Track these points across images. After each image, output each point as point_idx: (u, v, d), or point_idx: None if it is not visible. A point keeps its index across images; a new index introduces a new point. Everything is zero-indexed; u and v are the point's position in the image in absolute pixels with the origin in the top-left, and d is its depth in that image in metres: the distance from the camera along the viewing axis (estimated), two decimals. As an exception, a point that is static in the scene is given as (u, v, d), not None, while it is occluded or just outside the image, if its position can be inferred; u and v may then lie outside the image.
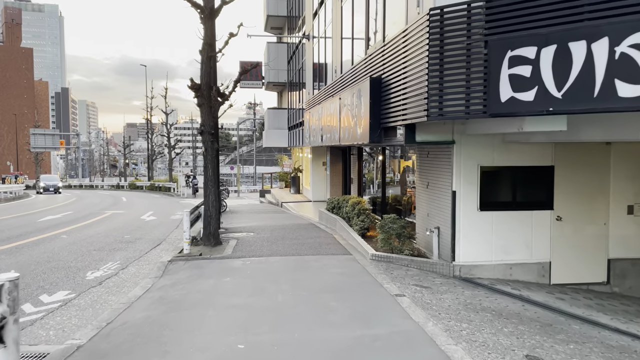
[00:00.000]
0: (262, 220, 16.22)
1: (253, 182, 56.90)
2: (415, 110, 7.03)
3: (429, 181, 8.82)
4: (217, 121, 11.92)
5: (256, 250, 9.80)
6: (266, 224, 14.53)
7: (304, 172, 26.29)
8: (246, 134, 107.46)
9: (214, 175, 10.48)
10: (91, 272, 8.51)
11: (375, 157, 14.24)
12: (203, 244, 10.48)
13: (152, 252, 10.65)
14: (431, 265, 8.08)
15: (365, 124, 8.96)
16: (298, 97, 23.99)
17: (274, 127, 26.52)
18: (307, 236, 11.63)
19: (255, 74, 28.18)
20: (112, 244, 11.71)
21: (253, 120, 55.05)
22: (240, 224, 14.77)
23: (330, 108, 12.78)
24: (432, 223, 8.62)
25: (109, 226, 15.66)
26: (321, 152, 22.93)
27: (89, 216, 19.29)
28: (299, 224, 14.27)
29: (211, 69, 10.46)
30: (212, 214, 10.43)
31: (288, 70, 26.09)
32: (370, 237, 10.55)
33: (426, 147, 8.90)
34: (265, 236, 11.74)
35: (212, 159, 10.45)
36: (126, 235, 13.34)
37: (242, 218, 17.19)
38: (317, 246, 10.14)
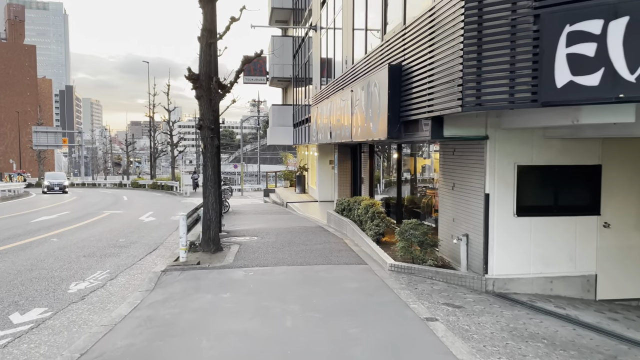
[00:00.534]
0: (266, 222, 15.27)
1: (257, 180, 56.01)
2: (444, 101, 6.04)
3: (454, 182, 7.82)
4: (217, 115, 10.97)
5: (260, 258, 8.84)
6: (271, 227, 13.57)
7: (310, 170, 25.33)
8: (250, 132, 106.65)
9: (213, 175, 9.53)
10: (75, 284, 7.57)
11: (382, 155, 13.25)
12: (202, 250, 9.53)
13: (146, 259, 9.72)
14: (459, 279, 7.09)
15: (383, 118, 7.98)
16: (304, 92, 23.01)
17: (279, 124, 25.56)
18: (315, 241, 10.66)
19: (259, 69, 27.22)
20: (105, 249, 10.78)
21: (257, 118, 54.11)
22: (243, 226, 13.83)
23: (340, 102, 11.80)
24: (458, 229, 7.63)
25: (105, 228, 14.75)
26: (328, 150, 21.96)
27: (85, 217, 18.41)
28: (306, 227, 13.30)
29: (211, 58, 9.50)
30: (212, 217, 9.48)
31: (293, 65, 25.10)
32: (386, 243, 9.57)
33: (451, 143, 7.90)
34: (270, 241, 10.79)
35: (211, 157, 9.50)
36: (121, 239, 12.41)
37: (245, 219, 16.25)
38: (327, 253, 9.17)
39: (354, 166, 17.43)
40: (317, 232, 12.18)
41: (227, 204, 18.90)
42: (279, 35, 26.88)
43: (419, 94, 6.97)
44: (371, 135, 8.81)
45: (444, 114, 6.15)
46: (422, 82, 6.81)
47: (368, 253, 9.08)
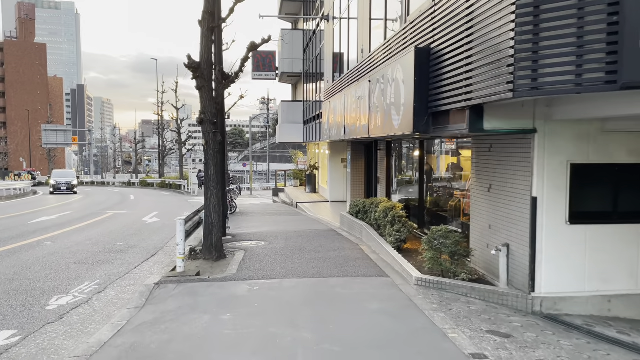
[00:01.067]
0: (275, 224, 14.31)
1: (266, 179, 55.18)
2: (487, 85, 5.01)
3: (491, 183, 6.78)
4: (222, 108, 10.03)
5: (267, 267, 7.86)
6: (280, 230, 12.61)
7: (321, 169, 24.34)
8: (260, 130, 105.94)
9: (216, 174, 8.57)
10: (57, 298, 6.66)
11: (400, 153, 12.22)
12: (203, 257, 8.59)
13: (142, 267, 8.80)
14: (500, 297, 6.05)
15: (407, 110, 6.96)
16: (314, 88, 22.02)
17: (289, 120, 24.60)
18: (328, 247, 9.67)
19: (268, 65, 26.28)
20: (99, 255, 9.89)
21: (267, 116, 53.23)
22: (250, 229, 12.88)
23: (355, 95, 10.79)
24: (496, 238, 6.59)
25: (105, 230, 13.90)
26: (340, 148, 20.95)
27: (87, 217, 17.62)
28: (318, 230, 12.32)
29: (213, 44, 8.54)
30: (214, 221, 8.53)
31: (304, 60, 24.12)
32: (408, 251, 8.55)
33: (487, 138, 6.86)
34: (278, 246, 9.82)
35: (214, 154, 8.54)
36: (119, 243, 11.53)
37: (252, 221, 15.31)
38: (342, 262, 8.17)
39: (368, 165, 16.40)
40: (329, 237, 11.18)
41: (234, 204, 18.00)
42: (289, 29, 25.91)
43: (452, 79, 5.94)
44: (392, 130, 7.79)
45: (488, 101, 5.12)
46: (458, 65, 5.78)
47: (388, 263, 8.07)
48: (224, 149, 11.12)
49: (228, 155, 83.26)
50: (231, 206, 17.82)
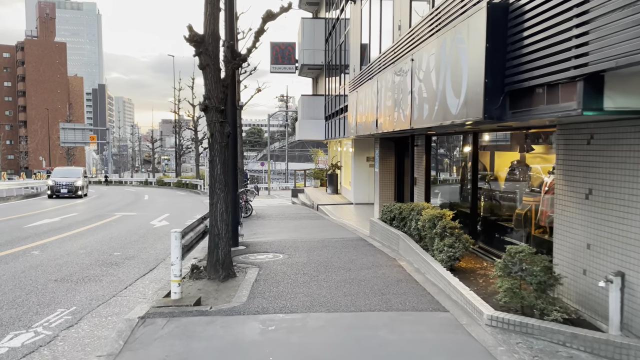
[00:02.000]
0: (294, 230, 12.65)
1: (285, 179, 53.81)
2: (621, 41, 3.24)
3: (591, 187, 4.97)
4: (233, 93, 8.43)
5: (286, 293, 6.19)
6: (300, 238, 10.95)
7: (343, 169, 22.63)
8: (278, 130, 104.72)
9: (224, 174, 6.93)
10: (11, 337, 5.09)
11: (442, 148, 10.42)
12: (207, 276, 6.96)
13: (135, 287, 7.24)
14: (616, 349, 4.24)
15: (473, 90, 5.20)
16: (337, 81, 20.32)
17: (309, 116, 22.94)
18: (361, 263, 7.95)
19: (287, 57, 24.65)
20: (88, 269, 8.38)
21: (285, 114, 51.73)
22: (266, 237, 11.25)
23: (390, 80, 9.06)
24: (601, 263, 4.78)
25: (105, 236, 12.45)
26: (366, 145, 19.20)
27: (91, 220, 16.27)
28: (345, 240, 10.61)
29: (221, 13, 6.90)
30: (221, 233, 6.90)
31: (325, 51, 22.41)
32: (463, 271, 6.79)
33: (584, 127, 5.05)
34: (299, 261, 8.15)
35: (221, 149, 6.91)
36: (116, 252, 10.03)
37: (269, 226, 13.68)
38: (382, 287, 6.45)
39: (398, 164, 14.62)
40: (359, 248, 9.47)
41: (249, 206, 16.42)
42: (310, 18, 24.22)
43: (551, 40, 4.17)
44: (448, 117, 6.03)
45: (622, 64, 3.33)
46: (562, 17, 4.01)
47: (441, 288, 6.31)
48: (236, 144, 9.50)
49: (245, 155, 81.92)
50: (246, 208, 16.25)
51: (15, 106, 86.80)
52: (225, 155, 6.96)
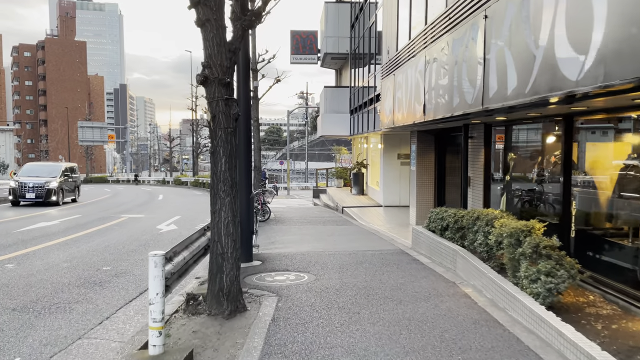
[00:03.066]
0: (319, 237, 10.75)
1: (304, 178, 52.08)
2: None
3: None
4: (247, 63, 6.61)
5: (318, 345, 4.27)
6: (328, 249, 9.03)
7: (370, 167, 20.65)
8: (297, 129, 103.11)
9: (229, 171, 5.05)
10: None
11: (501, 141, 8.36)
12: (208, 310, 5.09)
13: (114, 320, 5.43)
14: None
15: (627, 31, 3.19)
16: (365, 71, 18.35)
17: (332, 110, 21.00)
18: (412, 290, 5.99)
19: (309, 46, 22.76)
20: (62, 291, 6.62)
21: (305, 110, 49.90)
22: (286, 247, 9.36)
23: (448, 51, 7.07)
24: None
25: (101, 244, 10.76)
26: (396, 141, 17.20)
27: (93, 223, 14.67)
28: (382, 252, 8.65)
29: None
30: (227, 252, 5.03)
31: (351, 38, 20.43)
32: (567, 310, 4.76)
33: None
34: (331, 285, 6.23)
35: (226, 138, 5.03)
36: (106, 267, 8.28)
37: (290, 233, 11.80)
38: (455, 333, 4.48)
39: (439, 161, 12.60)
40: (403, 265, 7.50)
41: (267, 209, 14.58)
42: (334, 2, 22.25)
43: None
44: (562, 84, 4.02)
45: None
46: None
47: (543, 338, 4.30)
48: (249, 133, 7.63)
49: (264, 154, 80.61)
50: (264, 211, 14.43)
51: (36, 105, 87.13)
52: (232, 145, 5.08)
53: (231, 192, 5.08)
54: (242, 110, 7.58)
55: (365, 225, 13.35)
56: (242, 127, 7.58)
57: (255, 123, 17.48)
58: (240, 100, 7.54)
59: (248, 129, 7.67)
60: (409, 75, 9.26)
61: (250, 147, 7.83)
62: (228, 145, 5.05)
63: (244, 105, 7.56)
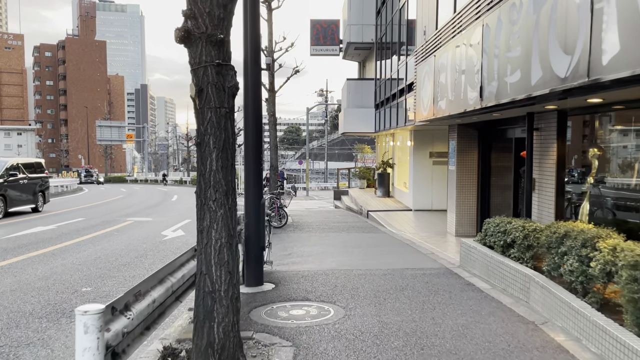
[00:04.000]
0: (345, 250, 9.07)
1: (324, 178, 50.50)
2: None
3: None
4: (255, 21, 5.03)
5: None
6: (356, 266, 7.35)
7: (397, 167, 18.90)
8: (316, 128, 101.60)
9: (222, 171, 3.43)
10: None
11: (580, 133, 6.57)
12: (193, 373, 3.48)
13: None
14: None
15: None
16: (391, 62, 16.63)
17: (355, 104, 19.31)
18: (482, 336, 4.28)
19: (330, 36, 21.11)
20: (17, 326, 5.13)
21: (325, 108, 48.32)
22: (305, 262, 7.72)
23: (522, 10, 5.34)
24: None
25: (92, 254, 9.32)
26: (428, 137, 15.43)
27: (95, 227, 13.34)
28: (425, 272, 6.94)
29: None
30: (218, 288, 3.42)
31: (377, 25, 18.69)
32: None
33: None
34: (367, 328, 4.56)
35: (218, 124, 3.42)
36: (86, 288, 6.81)
37: (309, 242, 10.16)
38: None
39: (483, 159, 10.83)
40: (458, 294, 5.78)
41: (283, 213, 12.97)
42: (358, -13, 20.52)
43: None
44: None
45: None
46: None
47: None
48: (259, 126, 6.02)
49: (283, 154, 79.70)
50: (280, 216, 12.84)
51: (56, 104, 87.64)
52: (227, 132, 3.46)
53: (225, 201, 3.46)
54: (252, 98, 5.98)
55: (395, 233, 11.64)
56: (251, 120, 5.99)
57: (271, 118, 15.93)
58: (249, 85, 5.94)
59: (258, 121, 6.06)
60: (458, 54, 7.52)
61: (261, 143, 6.22)
62: (221, 133, 3.43)
63: (253, 90, 5.96)
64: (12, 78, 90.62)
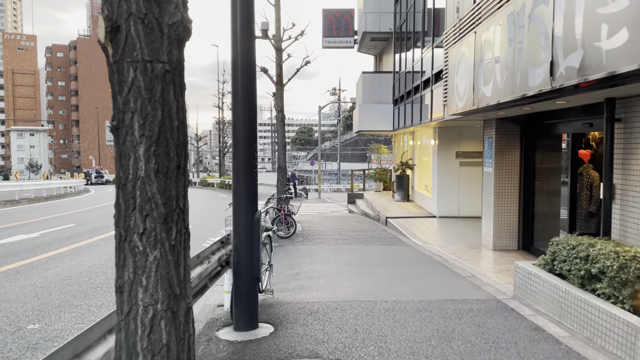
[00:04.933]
0: (364, 270, 7.43)
1: (336, 180, 48.93)
2: None
3: None
4: None
5: None
6: (382, 297, 5.72)
7: (417, 168, 17.22)
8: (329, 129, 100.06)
9: (160, 179, 1.84)
10: None
11: None
12: None
13: None
14: None
15: None
16: (411, 54, 14.98)
17: (372, 100, 17.68)
18: None
19: (344, 27, 19.48)
20: None
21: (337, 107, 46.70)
22: (315, 288, 6.11)
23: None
24: None
25: (64, 271, 7.87)
26: (454, 135, 13.77)
27: (82, 235, 11.96)
28: (473, 308, 5.29)
29: None
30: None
31: (396, 13, 17.03)
32: None
33: None
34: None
35: (147, 91, 1.81)
36: (33, 325, 5.32)
37: (320, 258, 8.54)
38: None
39: (526, 159, 9.18)
40: (524, 344, 4.13)
41: (291, 220, 11.39)
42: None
43: None
44: None
45: None
46: None
47: None
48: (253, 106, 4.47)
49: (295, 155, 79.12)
50: (288, 225, 11.29)
51: (68, 105, 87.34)
52: (166, 110, 1.87)
53: (165, 235, 1.88)
54: (243, 76, 4.41)
55: (420, 245, 9.99)
56: (241, 105, 4.43)
57: (279, 114, 14.39)
58: (240, 58, 4.38)
59: (251, 107, 4.49)
60: (511, 24, 5.85)
61: (254, 137, 4.64)
62: (155, 109, 1.86)
63: (244, 65, 4.39)
64: (25, 79, 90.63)
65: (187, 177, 2.06)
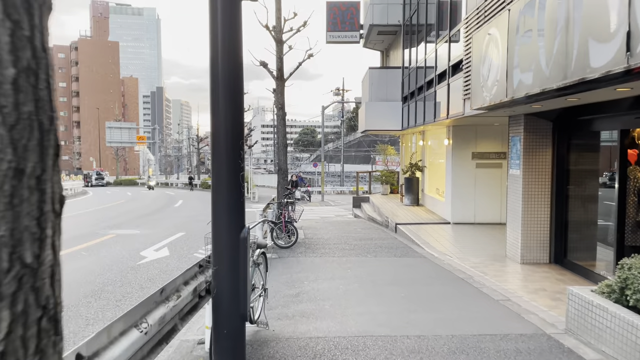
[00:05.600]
0: (376, 291, 6.30)
1: (340, 182, 47.85)
2: None
3: None
4: None
5: None
6: (402, 331, 4.60)
7: (428, 170, 16.10)
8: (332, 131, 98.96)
9: None
10: None
11: None
12: None
13: None
14: None
15: None
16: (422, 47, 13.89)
17: (379, 97, 16.56)
18: None
19: (349, 21, 18.38)
20: None
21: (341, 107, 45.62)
22: (319, 316, 5.00)
23: None
24: None
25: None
26: (470, 134, 12.66)
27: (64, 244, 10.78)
28: (520, 350, 4.16)
29: None
30: None
31: (405, 5, 15.92)
32: None
33: None
34: None
35: None
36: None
37: (325, 273, 7.42)
38: None
39: (559, 162, 8.07)
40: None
41: (292, 229, 10.26)
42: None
43: None
44: None
45: None
46: None
47: None
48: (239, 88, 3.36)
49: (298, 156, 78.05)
50: (289, 233, 10.18)
51: (69, 107, 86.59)
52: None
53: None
54: (224, 48, 3.32)
55: (437, 257, 8.87)
56: (221, 85, 3.34)
57: (280, 112, 13.31)
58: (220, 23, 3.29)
59: (236, 89, 3.39)
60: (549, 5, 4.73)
61: (241, 129, 3.55)
62: None
63: (226, 34, 3.30)
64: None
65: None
